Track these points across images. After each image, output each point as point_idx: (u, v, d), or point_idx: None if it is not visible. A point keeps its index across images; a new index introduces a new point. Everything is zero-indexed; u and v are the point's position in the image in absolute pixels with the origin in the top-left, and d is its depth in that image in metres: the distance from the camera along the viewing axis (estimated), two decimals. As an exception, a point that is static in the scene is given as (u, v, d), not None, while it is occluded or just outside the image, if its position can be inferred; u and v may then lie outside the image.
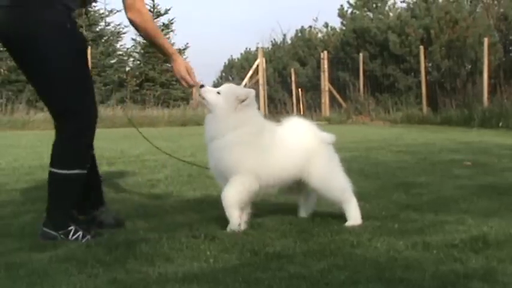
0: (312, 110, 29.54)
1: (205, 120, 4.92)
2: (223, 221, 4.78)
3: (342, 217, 4.98)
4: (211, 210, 5.27)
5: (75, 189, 4.69)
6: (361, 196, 5.95)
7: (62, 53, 4.48)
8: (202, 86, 4.94)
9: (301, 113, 29.76)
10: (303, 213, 5.19)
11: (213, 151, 4.81)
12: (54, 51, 4.45)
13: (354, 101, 27.33)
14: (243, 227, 4.67)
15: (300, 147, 4.89)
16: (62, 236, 4.53)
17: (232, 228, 4.63)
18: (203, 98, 4.86)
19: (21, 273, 3.65)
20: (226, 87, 4.92)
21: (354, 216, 4.90)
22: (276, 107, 31.72)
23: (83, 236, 4.53)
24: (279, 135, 4.92)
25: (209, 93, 4.85)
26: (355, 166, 8.43)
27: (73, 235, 4.54)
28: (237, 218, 4.65)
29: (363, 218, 4.94)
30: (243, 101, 4.77)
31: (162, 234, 4.48)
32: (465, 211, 5.23)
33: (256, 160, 4.73)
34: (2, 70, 27.99)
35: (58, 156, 4.65)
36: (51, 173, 4.69)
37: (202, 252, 4.00)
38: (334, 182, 4.97)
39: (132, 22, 4.72)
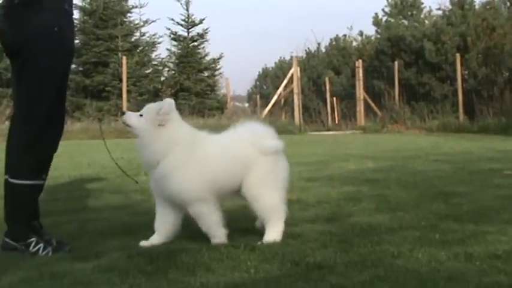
0: (347, 119, 29.45)
1: (136, 146, 4.75)
2: (262, 231, 4.79)
3: (381, 227, 4.97)
4: (250, 220, 5.24)
5: (32, 200, 4.67)
6: (399, 206, 5.97)
7: (44, 56, 4.55)
8: (123, 113, 4.84)
9: (336, 122, 29.72)
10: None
11: (155, 180, 4.67)
12: (37, 54, 4.54)
13: (389, 110, 27.23)
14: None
15: (234, 158, 4.70)
16: (22, 247, 4.52)
17: (220, 241, 4.59)
18: (127, 125, 4.70)
19: (65, 282, 3.69)
20: (146, 107, 4.77)
21: (269, 235, 4.62)
22: (311, 116, 31.67)
23: (44, 249, 4.51)
24: (213, 146, 4.75)
25: (132, 118, 4.70)
26: (393, 176, 8.41)
27: (34, 247, 4.52)
28: (223, 234, 4.63)
29: (402, 228, 4.93)
30: (164, 112, 4.62)
31: (202, 244, 4.49)
32: (506, 221, 5.17)
33: (200, 178, 4.57)
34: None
35: (16, 166, 4.63)
36: (8, 183, 4.63)
37: (243, 263, 3.99)
38: (265, 200, 4.66)
39: None
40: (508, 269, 3.73)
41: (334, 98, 31.30)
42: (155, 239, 4.69)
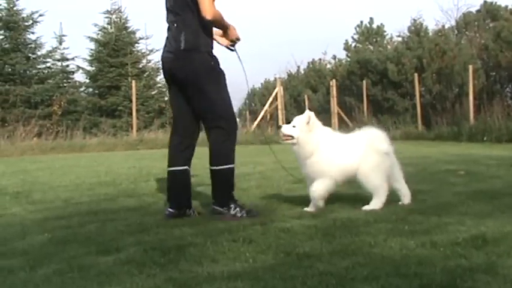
0: (323, 130, 29.48)
1: (294, 149, 5.66)
2: (259, 226, 4.82)
3: (359, 221, 4.95)
4: (247, 217, 5.26)
5: (230, 178, 5.53)
6: (373, 203, 5.94)
7: (213, 83, 5.49)
8: (280, 127, 5.74)
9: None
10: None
11: (308, 166, 5.59)
12: (208, 82, 5.45)
13: (359, 122, 27.23)
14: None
15: (354, 154, 5.61)
16: (226, 210, 5.43)
17: (312, 210, 5.54)
18: (285, 135, 5.60)
19: (91, 273, 3.66)
20: (296, 119, 5.66)
21: (373, 204, 5.58)
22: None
23: (240, 211, 5.40)
24: (343, 144, 5.68)
25: (288, 129, 5.60)
26: (366, 177, 8.37)
27: (233, 210, 5.41)
28: (319, 207, 5.56)
29: (376, 221, 4.91)
30: (311, 122, 5.54)
31: (206, 239, 4.46)
32: (464, 214, 5.16)
33: (337, 165, 5.53)
34: (62, 103, 28.15)
35: (216, 156, 5.51)
36: (211, 170, 5.55)
37: (243, 254, 3.97)
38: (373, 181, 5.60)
39: (210, 21, 5.47)
40: (468, 254, 3.73)
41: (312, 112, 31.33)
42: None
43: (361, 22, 41.94)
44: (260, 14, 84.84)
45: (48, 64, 30.85)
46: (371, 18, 41.97)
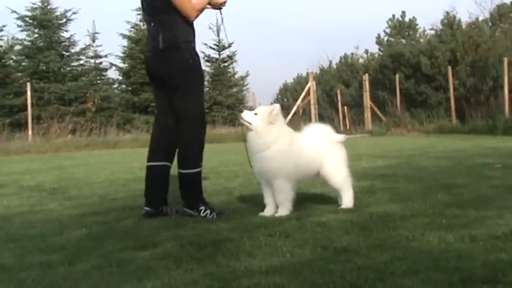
0: (356, 125, 29.41)
1: (249, 137, 5.31)
2: (295, 221, 4.81)
3: (395, 215, 4.92)
4: (217, 219, 5.26)
5: (197, 181, 5.52)
6: (409, 197, 5.91)
7: (188, 82, 5.41)
8: (241, 111, 5.44)
9: (347, 127, 29.60)
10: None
11: (260, 160, 5.24)
12: (183, 81, 5.39)
13: (392, 116, 27.14)
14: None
15: (316, 149, 5.37)
16: (196, 213, 5.39)
17: (284, 214, 5.16)
18: (244, 120, 5.26)
19: (129, 269, 3.67)
20: (259, 108, 5.37)
21: (346, 202, 5.42)
22: (325, 123, 31.55)
23: (210, 213, 5.37)
24: (302, 141, 5.35)
25: (248, 115, 5.26)
26: (401, 171, 8.33)
27: (203, 212, 5.38)
28: (290, 208, 5.21)
29: (413, 215, 4.87)
30: (275, 114, 5.20)
31: (243, 233, 4.44)
32: (502, 207, 5.08)
33: (292, 165, 5.19)
34: (96, 100, 28.35)
35: (182, 160, 5.49)
36: (179, 173, 5.52)
37: (279, 249, 3.94)
38: (337, 173, 5.42)
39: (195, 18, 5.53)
40: (508, 247, 3.66)
41: (345, 107, 31.23)
42: (270, 210, 5.28)
43: (393, 16, 41.66)
44: (292, 10, 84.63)
45: (82, 61, 31.27)
46: (403, 12, 41.64)
